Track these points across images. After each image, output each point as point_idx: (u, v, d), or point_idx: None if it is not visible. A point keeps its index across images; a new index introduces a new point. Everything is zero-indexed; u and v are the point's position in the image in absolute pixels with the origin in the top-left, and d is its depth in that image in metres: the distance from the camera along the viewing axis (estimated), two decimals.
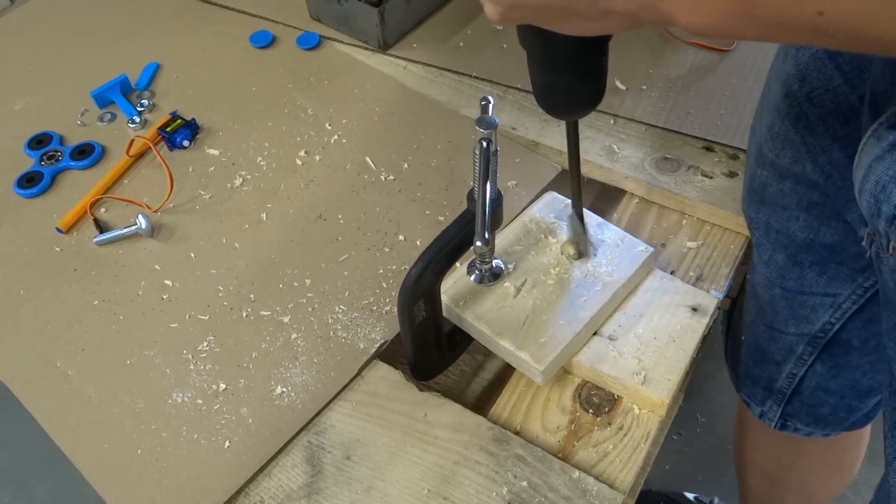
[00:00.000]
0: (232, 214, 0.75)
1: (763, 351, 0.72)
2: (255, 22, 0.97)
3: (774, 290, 0.66)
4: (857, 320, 0.64)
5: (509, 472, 0.56)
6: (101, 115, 0.87)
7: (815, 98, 0.54)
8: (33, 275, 0.72)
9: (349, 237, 0.72)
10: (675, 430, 1.56)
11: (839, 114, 0.53)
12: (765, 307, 0.69)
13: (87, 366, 0.65)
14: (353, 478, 0.57)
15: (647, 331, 0.61)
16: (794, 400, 0.74)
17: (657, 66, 0.86)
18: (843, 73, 0.51)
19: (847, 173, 0.54)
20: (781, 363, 0.71)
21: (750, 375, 0.77)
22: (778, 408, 0.76)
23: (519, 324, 0.60)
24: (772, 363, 0.72)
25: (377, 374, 0.63)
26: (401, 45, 0.92)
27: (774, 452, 0.90)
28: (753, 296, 0.71)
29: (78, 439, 0.61)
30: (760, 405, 0.77)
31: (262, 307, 0.68)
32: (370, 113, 0.84)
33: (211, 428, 0.60)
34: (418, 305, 0.56)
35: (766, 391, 0.76)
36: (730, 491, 1.45)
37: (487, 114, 0.52)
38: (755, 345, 0.73)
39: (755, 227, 0.65)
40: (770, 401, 0.76)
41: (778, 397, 0.75)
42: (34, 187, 0.79)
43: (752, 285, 0.71)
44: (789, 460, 0.90)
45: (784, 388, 0.73)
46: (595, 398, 0.61)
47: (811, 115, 0.54)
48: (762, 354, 0.73)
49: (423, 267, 0.54)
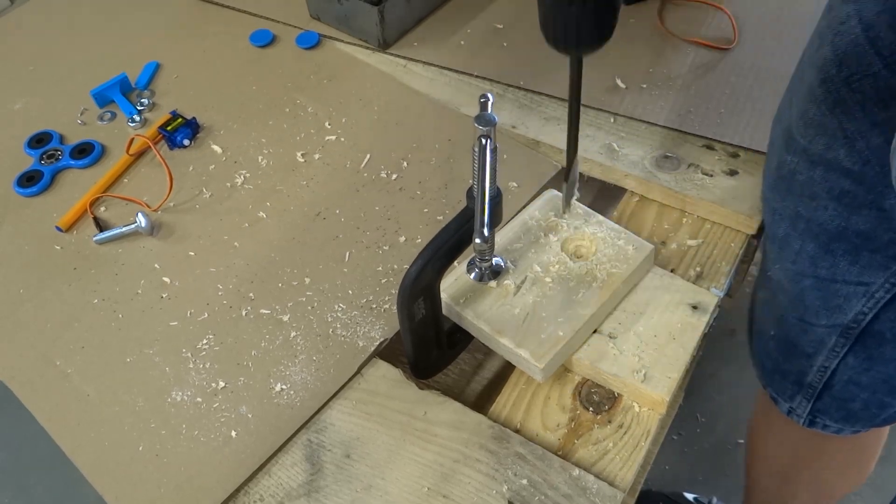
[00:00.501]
0: (232, 213, 0.75)
1: (794, 344, 0.72)
2: (255, 21, 0.97)
3: (805, 282, 0.66)
4: (891, 310, 0.63)
5: (509, 470, 0.56)
6: (101, 114, 0.87)
7: (853, 83, 0.53)
8: (33, 273, 0.72)
9: (349, 235, 0.72)
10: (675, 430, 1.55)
11: (878, 99, 0.53)
12: (795, 300, 0.68)
13: (86, 364, 0.65)
14: (353, 476, 0.57)
15: (647, 329, 0.61)
16: (824, 395, 0.73)
17: (657, 64, 0.86)
18: (883, 58, 0.51)
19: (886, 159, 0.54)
20: (813, 356, 0.71)
21: (779, 370, 0.76)
22: (808, 403, 0.75)
23: (519, 321, 0.60)
24: (802, 356, 0.72)
25: (377, 372, 0.63)
26: (401, 44, 0.92)
27: (793, 449, 0.90)
28: (781, 290, 0.70)
29: (78, 438, 0.61)
30: (789, 401, 0.77)
31: (261, 305, 0.68)
32: (370, 112, 0.84)
33: (210, 426, 0.60)
34: (418, 303, 0.56)
35: (795, 386, 0.75)
36: (729, 491, 1.45)
37: (487, 111, 0.52)
38: (785, 339, 0.73)
39: (780, 217, 0.65)
40: (799, 396, 0.75)
41: (808, 392, 0.74)
42: (34, 186, 0.79)
43: (776, 280, 0.71)
44: (809, 456, 0.89)
45: (815, 382, 0.72)
46: (595, 396, 0.60)
47: (849, 100, 0.54)
48: (793, 348, 0.72)
49: (423, 264, 0.54)
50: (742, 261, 0.70)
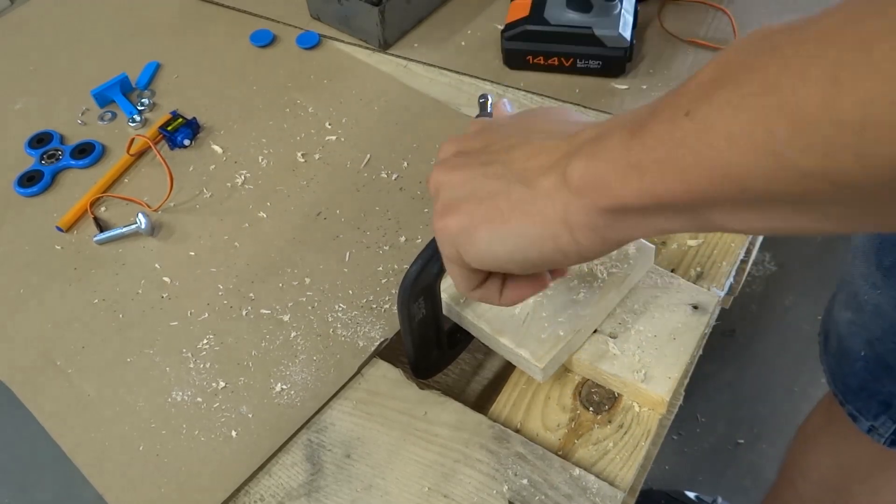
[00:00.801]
0: (232, 213, 0.75)
1: (888, 368, 0.72)
2: (256, 21, 0.97)
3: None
4: None
5: (509, 470, 0.56)
6: (102, 114, 0.87)
7: None
8: (33, 274, 0.72)
9: (349, 235, 0.72)
10: (675, 430, 1.56)
11: None
12: (895, 326, 0.69)
13: (86, 364, 0.65)
14: (354, 476, 0.57)
15: (647, 328, 0.61)
16: None
17: (657, 65, 0.86)
18: None
19: None
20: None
21: (866, 389, 0.77)
22: (892, 424, 0.76)
23: (519, 321, 0.60)
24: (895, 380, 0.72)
25: (377, 372, 0.63)
26: (401, 45, 0.92)
27: (854, 464, 0.90)
28: (879, 315, 0.71)
29: (78, 438, 0.61)
30: (872, 420, 0.77)
31: (261, 305, 0.68)
32: (370, 112, 0.84)
33: (211, 426, 0.60)
34: (418, 303, 0.56)
35: (882, 406, 0.75)
36: (729, 491, 1.45)
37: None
38: (880, 361, 0.73)
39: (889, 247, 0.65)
40: (885, 416, 0.76)
41: (895, 414, 0.75)
42: (34, 186, 0.79)
43: (875, 305, 0.71)
44: (871, 473, 0.89)
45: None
46: (595, 396, 0.60)
47: None
48: (886, 371, 0.73)
49: (423, 264, 0.54)
50: (742, 261, 0.70)
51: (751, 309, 1.76)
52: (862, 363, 0.75)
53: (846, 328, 0.77)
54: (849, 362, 0.78)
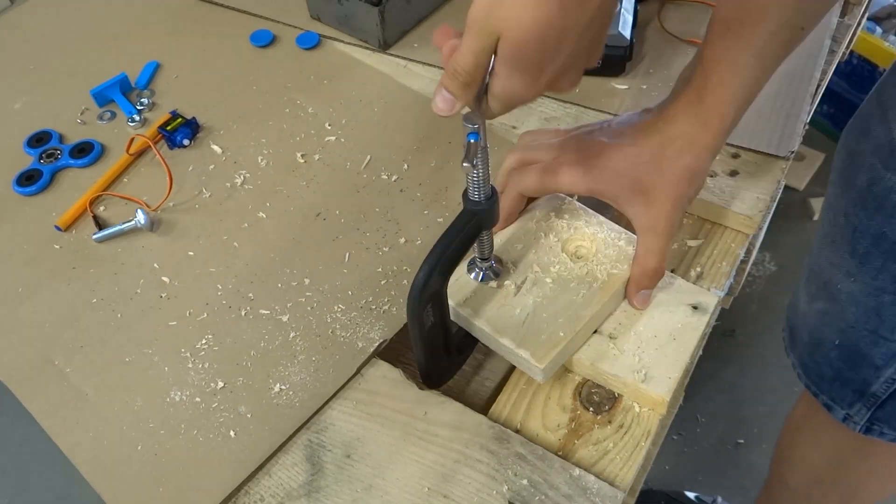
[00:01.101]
0: (231, 213, 0.75)
1: (863, 355, 0.72)
2: (255, 21, 0.97)
3: (885, 297, 0.66)
4: None
5: (509, 470, 0.56)
6: (101, 113, 0.87)
7: None
8: (32, 273, 0.72)
9: (349, 236, 0.72)
10: (675, 430, 1.56)
11: None
12: (869, 313, 0.68)
13: (85, 364, 0.65)
14: (354, 476, 0.56)
15: (647, 329, 0.61)
16: (887, 404, 0.74)
17: (657, 65, 0.86)
18: None
19: None
20: (882, 368, 0.71)
21: (840, 378, 0.76)
22: (867, 412, 0.75)
23: (519, 322, 0.59)
24: (870, 367, 0.72)
25: (377, 372, 0.63)
26: (401, 45, 0.92)
27: (836, 453, 0.90)
28: (853, 302, 0.70)
29: (76, 437, 0.61)
30: (847, 408, 0.77)
31: (260, 306, 0.67)
32: (370, 112, 0.84)
33: (209, 426, 0.60)
34: (427, 311, 0.55)
35: (856, 394, 0.75)
36: (729, 491, 1.45)
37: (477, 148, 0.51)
38: (853, 349, 0.73)
39: (862, 235, 0.64)
40: (859, 404, 0.76)
41: (870, 401, 0.74)
42: (33, 185, 0.79)
43: (848, 293, 0.70)
44: (852, 462, 0.89)
45: (880, 392, 0.73)
46: (595, 396, 0.60)
47: None
48: (861, 359, 0.72)
49: (430, 271, 0.53)
50: (742, 261, 0.70)
51: (751, 309, 1.76)
52: (836, 352, 0.75)
53: (818, 319, 0.77)
54: (822, 352, 0.78)
